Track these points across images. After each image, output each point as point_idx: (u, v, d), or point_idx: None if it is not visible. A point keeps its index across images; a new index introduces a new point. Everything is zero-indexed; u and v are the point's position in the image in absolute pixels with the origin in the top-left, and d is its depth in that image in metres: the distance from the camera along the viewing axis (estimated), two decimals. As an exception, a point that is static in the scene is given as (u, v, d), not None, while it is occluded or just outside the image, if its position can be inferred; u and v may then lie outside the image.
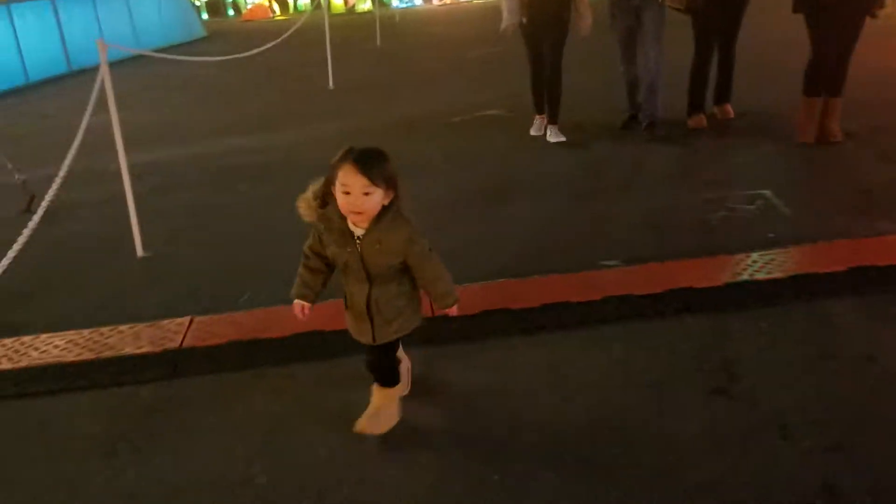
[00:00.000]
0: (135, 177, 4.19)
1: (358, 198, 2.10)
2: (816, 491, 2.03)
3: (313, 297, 2.36)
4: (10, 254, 3.13)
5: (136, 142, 4.20)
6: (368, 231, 2.18)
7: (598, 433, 2.37)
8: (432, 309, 3.12)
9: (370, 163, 2.10)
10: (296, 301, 2.35)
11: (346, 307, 2.36)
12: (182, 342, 3.07)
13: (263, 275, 3.67)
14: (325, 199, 2.23)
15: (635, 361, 2.74)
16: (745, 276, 3.16)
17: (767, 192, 4.22)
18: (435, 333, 3.01)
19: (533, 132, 6.08)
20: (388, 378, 2.46)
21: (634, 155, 5.35)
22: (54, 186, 3.58)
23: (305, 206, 2.24)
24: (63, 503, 2.26)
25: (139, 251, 4.17)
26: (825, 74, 4.91)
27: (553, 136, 5.72)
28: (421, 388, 2.67)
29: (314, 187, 2.24)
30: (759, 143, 5.26)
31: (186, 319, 3.24)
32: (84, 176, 4.25)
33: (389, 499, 2.17)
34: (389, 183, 2.14)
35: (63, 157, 3.78)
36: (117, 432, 2.59)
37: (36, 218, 3.46)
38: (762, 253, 3.37)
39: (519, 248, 3.80)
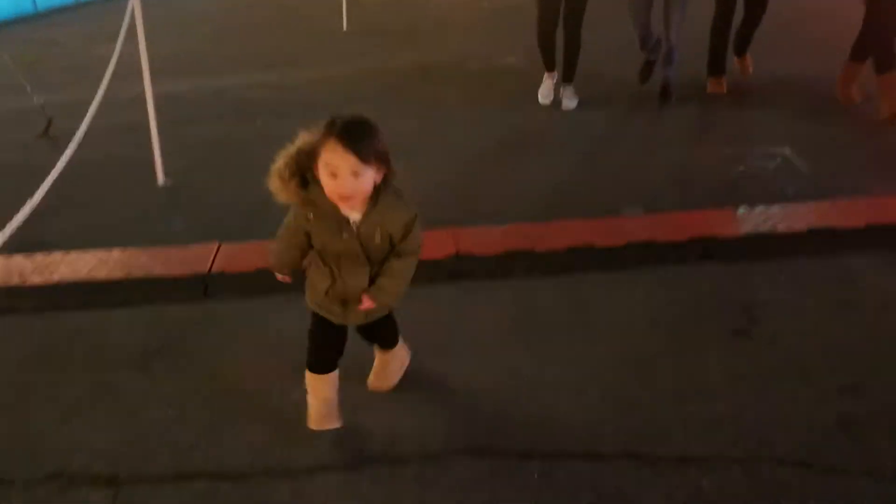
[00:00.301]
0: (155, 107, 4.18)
1: (346, 180, 1.79)
2: (832, 426, 2.13)
3: (290, 274, 2.13)
4: (45, 185, 3.16)
5: (152, 72, 4.17)
6: (366, 215, 1.90)
7: (620, 369, 2.45)
8: (457, 248, 3.21)
9: (359, 138, 1.78)
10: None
11: (325, 294, 2.01)
12: (211, 267, 3.12)
13: (283, 209, 3.69)
14: (303, 175, 1.88)
15: (658, 303, 2.81)
16: (766, 228, 3.21)
17: (787, 150, 4.24)
18: (460, 270, 3.08)
19: (542, 98, 5.51)
20: (391, 341, 2.31)
21: (653, 110, 5.33)
22: (89, 114, 3.57)
23: (280, 183, 1.87)
24: (107, 406, 2.35)
25: (161, 179, 4.19)
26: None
27: (567, 101, 5.34)
28: (445, 325, 2.73)
29: (286, 156, 1.88)
30: (780, 102, 5.25)
31: (214, 245, 3.28)
32: (103, 104, 4.25)
33: (420, 419, 2.26)
34: (381, 159, 1.83)
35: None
36: (152, 346, 2.67)
37: (75, 143, 3.46)
38: (783, 206, 3.41)
39: (539, 195, 3.81)
